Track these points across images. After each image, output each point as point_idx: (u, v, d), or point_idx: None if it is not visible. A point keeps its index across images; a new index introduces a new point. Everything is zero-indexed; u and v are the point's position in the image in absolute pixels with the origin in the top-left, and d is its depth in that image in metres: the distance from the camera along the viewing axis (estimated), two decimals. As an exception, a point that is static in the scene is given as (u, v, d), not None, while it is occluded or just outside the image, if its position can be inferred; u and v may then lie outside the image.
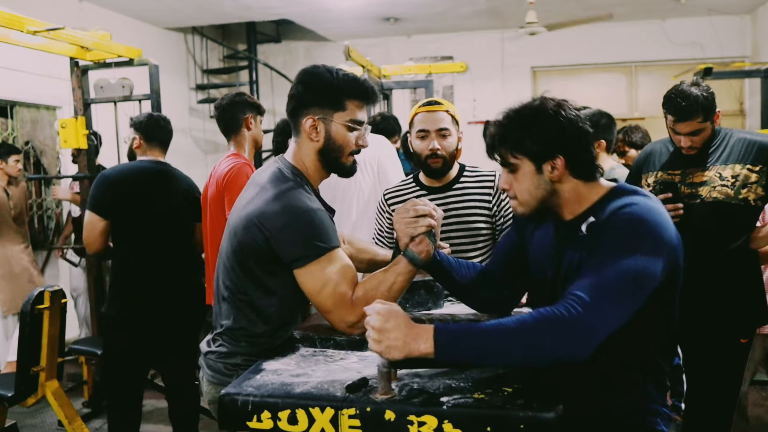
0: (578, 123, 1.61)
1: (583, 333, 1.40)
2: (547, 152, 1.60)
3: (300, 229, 1.78)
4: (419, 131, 2.59)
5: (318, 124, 1.89)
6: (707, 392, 2.84)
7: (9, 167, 5.14)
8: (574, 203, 1.65)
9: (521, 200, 1.67)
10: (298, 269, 1.80)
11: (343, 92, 1.88)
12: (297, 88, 1.92)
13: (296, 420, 1.44)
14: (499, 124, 1.66)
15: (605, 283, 1.44)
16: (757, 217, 2.82)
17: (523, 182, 1.65)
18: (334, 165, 1.96)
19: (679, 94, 2.71)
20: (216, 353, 1.95)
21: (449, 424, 1.38)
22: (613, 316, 1.43)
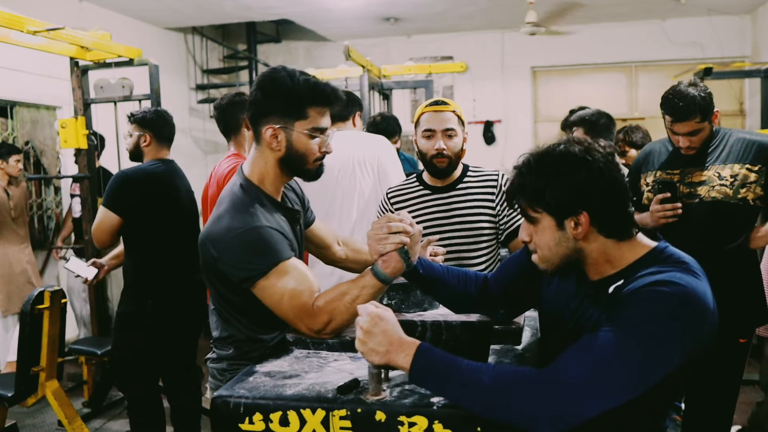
0: (609, 172, 1.41)
1: (557, 416, 1.29)
2: (568, 207, 1.41)
3: (241, 249, 1.76)
4: (425, 131, 2.59)
5: (279, 134, 1.83)
6: (707, 392, 2.85)
7: (9, 167, 5.15)
8: (603, 264, 1.47)
9: (541, 256, 1.49)
10: (252, 288, 1.78)
11: (303, 99, 1.82)
12: (256, 95, 1.85)
13: (287, 422, 1.45)
14: (518, 172, 1.48)
15: (602, 367, 1.28)
16: (756, 216, 2.83)
17: (543, 237, 1.46)
18: (298, 172, 1.92)
19: (677, 94, 2.71)
20: (210, 359, 2.00)
21: (440, 424, 1.39)
22: (595, 405, 1.29)
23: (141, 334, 3.37)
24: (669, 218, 2.73)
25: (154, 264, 3.39)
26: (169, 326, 3.39)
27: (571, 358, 1.31)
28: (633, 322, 1.30)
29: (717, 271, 2.74)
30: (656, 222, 2.76)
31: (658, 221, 2.75)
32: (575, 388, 1.28)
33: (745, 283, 2.82)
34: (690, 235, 2.75)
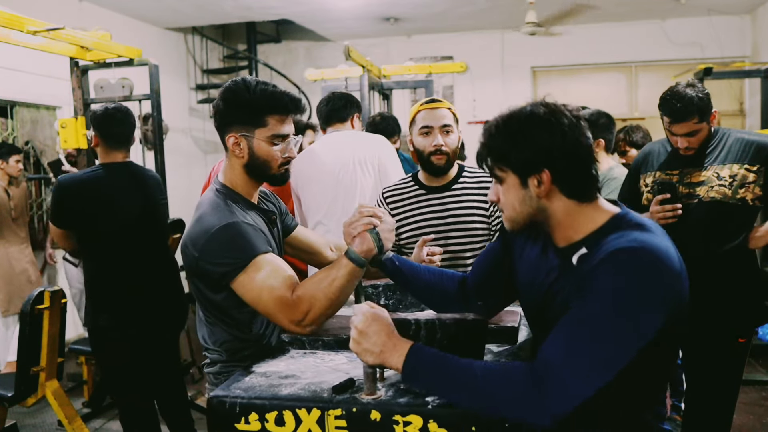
0: (573, 133, 1.44)
1: (546, 408, 1.30)
2: (531, 165, 1.43)
3: (219, 245, 1.80)
4: (422, 128, 2.59)
5: (240, 141, 1.90)
6: (707, 392, 2.85)
7: (10, 167, 5.16)
8: (567, 229, 1.48)
9: (507, 215, 1.53)
10: (231, 283, 1.81)
11: (261, 109, 1.89)
12: (218, 105, 1.93)
13: (283, 421, 1.45)
14: (486, 133, 1.52)
15: (581, 351, 1.30)
16: (755, 216, 2.83)
17: (508, 196, 1.50)
18: (264, 177, 1.98)
19: (675, 95, 2.72)
20: (205, 365, 2.04)
21: (434, 423, 1.40)
22: (583, 389, 1.30)
23: (111, 346, 3.26)
24: (669, 219, 2.73)
25: (106, 273, 3.23)
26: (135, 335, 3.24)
27: (554, 351, 1.32)
28: (605, 294, 1.31)
29: (716, 271, 2.77)
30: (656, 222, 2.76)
31: (658, 222, 2.76)
32: (559, 380, 1.29)
33: (744, 283, 2.82)
34: (689, 235, 2.75)
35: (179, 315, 3.48)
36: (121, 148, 3.28)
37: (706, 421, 2.87)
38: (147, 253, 3.30)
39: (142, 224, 3.28)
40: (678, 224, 2.74)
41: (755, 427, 4.01)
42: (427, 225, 2.62)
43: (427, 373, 1.39)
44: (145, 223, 3.29)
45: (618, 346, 1.30)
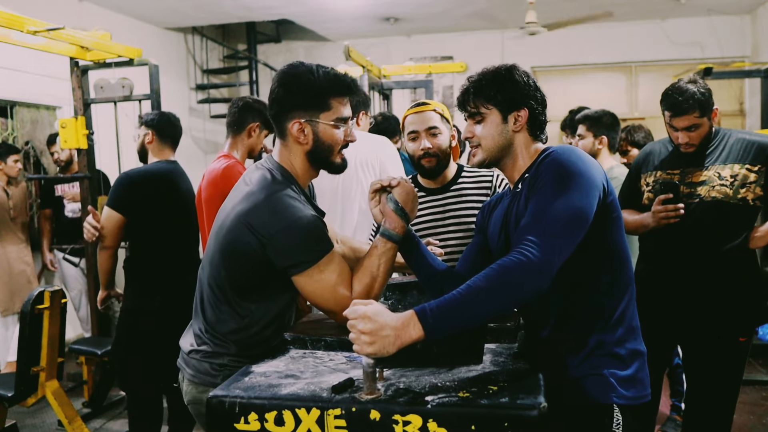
0: (538, 87, 1.85)
1: (542, 270, 1.53)
2: (515, 104, 1.80)
3: (296, 235, 1.78)
4: (410, 133, 2.62)
5: (305, 127, 1.87)
6: (707, 392, 2.84)
7: (8, 167, 5.16)
8: (518, 160, 1.84)
9: (484, 146, 1.84)
10: (297, 275, 1.81)
11: (326, 91, 1.87)
12: (279, 92, 1.89)
13: (283, 421, 1.45)
14: (475, 80, 1.85)
15: (549, 223, 1.58)
16: (756, 216, 2.83)
17: (488, 129, 1.82)
18: (325, 164, 1.96)
19: (676, 90, 2.74)
20: (201, 352, 1.95)
21: (434, 423, 1.40)
22: (562, 248, 1.58)
23: (146, 330, 3.40)
24: (671, 219, 2.73)
25: (159, 261, 3.45)
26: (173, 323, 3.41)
27: (528, 231, 1.59)
28: (548, 184, 1.65)
29: (716, 270, 2.76)
30: (658, 222, 2.76)
31: (660, 222, 2.75)
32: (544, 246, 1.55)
33: (744, 283, 2.82)
34: (690, 234, 2.75)
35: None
36: (172, 147, 3.61)
37: (706, 421, 2.87)
38: (190, 243, 3.54)
39: (190, 215, 3.49)
40: (678, 224, 2.74)
41: (755, 427, 4.01)
42: (427, 226, 2.63)
43: (447, 320, 1.48)
44: (191, 214, 3.49)
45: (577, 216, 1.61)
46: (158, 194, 3.42)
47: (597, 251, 1.72)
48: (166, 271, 3.45)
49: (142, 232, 3.45)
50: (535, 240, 1.55)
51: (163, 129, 3.54)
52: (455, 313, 1.48)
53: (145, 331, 3.41)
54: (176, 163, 3.60)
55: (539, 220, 1.60)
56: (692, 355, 2.94)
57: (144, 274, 3.48)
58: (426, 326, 1.45)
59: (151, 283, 3.46)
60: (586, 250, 1.66)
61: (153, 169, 3.49)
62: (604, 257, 1.75)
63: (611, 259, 1.76)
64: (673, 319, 2.84)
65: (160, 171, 3.48)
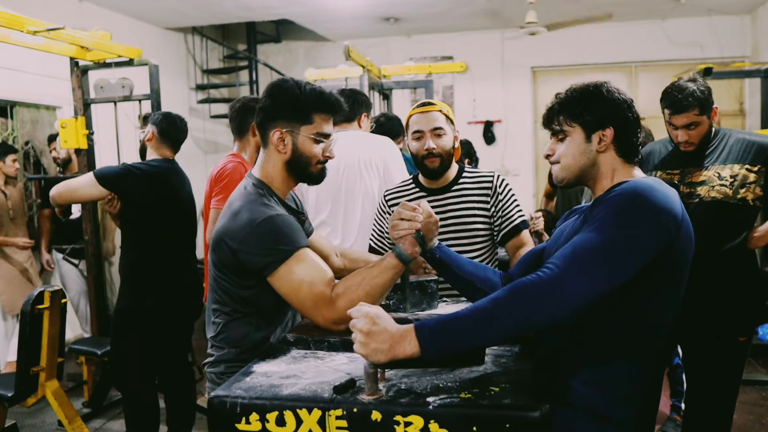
0: (631, 105, 1.76)
1: (554, 294, 1.45)
2: (599, 123, 1.72)
3: (262, 237, 1.82)
4: (414, 132, 2.63)
5: (285, 137, 1.95)
6: (707, 391, 2.85)
7: (6, 167, 5.14)
8: (604, 179, 1.74)
9: (564, 164, 1.76)
10: (270, 276, 1.84)
11: (309, 106, 1.94)
12: (265, 102, 1.97)
13: (284, 421, 1.45)
14: (561, 97, 1.80)
15: (578, 252, 1.49)
16: (756, 216, 2.83)
17: (570, 148, 1.75)
18: (302, 175, 2.02)
19: (676, 87, 2.74)
20: (208, 363, 2.04)
21: (435, 424, 1.40)
22: (585, 281, 1.46)
23: (140, 331, 3.42)
24: None
25: (154, 260, 3.45)
26: (166, 323, 3.44)
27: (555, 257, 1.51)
28: (601, 215, 1.55)
29: (716, 270, 2.76)
30: None
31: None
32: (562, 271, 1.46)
33: (744, 283, 2.83)
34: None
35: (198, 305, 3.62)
36: (172, 147, 3.61)
37: (706, 421, 2.87)
38: (184, 243, 3.57)
39: (185, 215, 3.55)
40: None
41: (755, 427, 4.01)
42: None
43: (445, 337, 1.45)
44: (188, 215, 3.56)
45: (618, 250, 1.49)
46: (152, 191, 3.42)
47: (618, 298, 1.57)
48: (158, 271, 3.45)
49: (140, 229, 3.45)
50: (557, 263, 1.48)
51: (165, 128, 3.55)
52: (455, 334, 1.45)
53: (138, 331, 3.43)
54: (174, 163, 3.60)
55: (573, 246, 1.51)
56: (692, 355, 2.94)
57: (136, 275, 3.48)
58: (423, 343, 1.45)
59: (143, 284, 3.46)
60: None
61: (153, 164, 3.50)
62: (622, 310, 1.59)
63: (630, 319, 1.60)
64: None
65: (159, 168, 3.49)
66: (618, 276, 1.49)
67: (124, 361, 3.51)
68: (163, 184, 3.46)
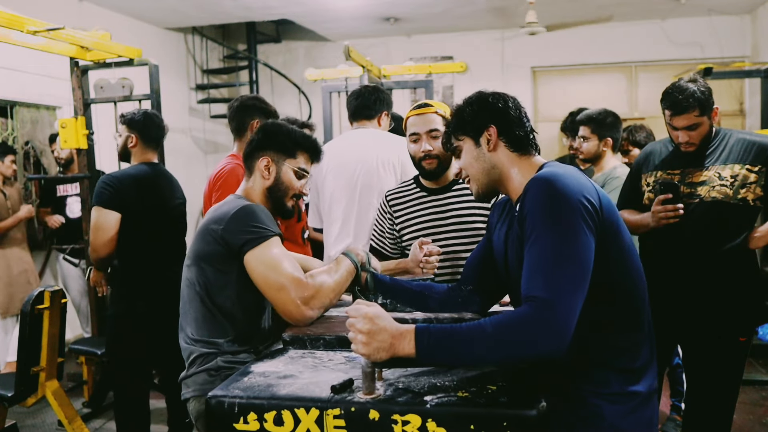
0: (508, 101, 1.81)
1: (558, 330, 1.44)
2: (479, 125, 1.78)
3: (243, 218, 2.01)
4: (411, 134, 2.65)
5: (271, 165, 2.20)
6: (707, 391, 2.84)
7: (4, 167, 5.13)
8: (514, 181, 1.77)
9: (471, 176, 1.82)
10: (248, 252, 1.98)
11: (297, 144, 2.23)
12: (259, 135, 2.25)
13: (282, 421, 1.46)
14: (447, 123, 1.92)
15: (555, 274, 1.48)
16: (756, 217, 2.83)
17: (466, 157, 1.81)
18: (278, 203, 2.23)
19: (676, 88, 2.74)
20: (195, 363, 2.08)
21: (433, 422, 1.40)
22: (577, 302, 1.48)
23: (130, 335, 3.39)
24: (671, 219, 2.73)
25: (143, 265, 3.41)
26: (160, 325, 3.38)
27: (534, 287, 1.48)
28: (537, 215, 1.56)
29: (717, 270, 2.76)
30: (657, 222, 2.77)
31: (660, 222, 2.76)
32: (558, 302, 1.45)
33: (744, 283, 2.82)
34: (689, 235, 2.76)
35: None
36: (155, 149, 3.57)
37: (706, 420, 2.87)
38: (171, 251, 3.49)
39: (173, 219, 3.52)
40: (679, 224, 2.74)
41: (755, 427, 4.01)
42: (428, 226, 2.64)
43: (442, 348, 1.46)
44: (174, 219, 3.53)
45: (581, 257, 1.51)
46: (140, 198, 3.36)
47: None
48: (148, 275, 3.41)
49: (126, 236, 3.36)
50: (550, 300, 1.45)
51: (148, 131, 3.48)
52: (451, 348, 1.46)
53: (130, 335, 3.39)
54: (159, 165, 3.56)
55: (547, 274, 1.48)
56: (692, 355, 2.94)
57: (126, 279, 3.44)
58: (419, 346, 1.46)
59: (133, 288, 3.42)
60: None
61: (134, 173, 3.43)
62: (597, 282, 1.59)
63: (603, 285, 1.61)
64: (673, 318, 2.84)
65: (142, 174, 3.43)
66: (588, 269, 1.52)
67: (121, 365, 3.49)
68: (147, 189, 3.41)
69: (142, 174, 3.42)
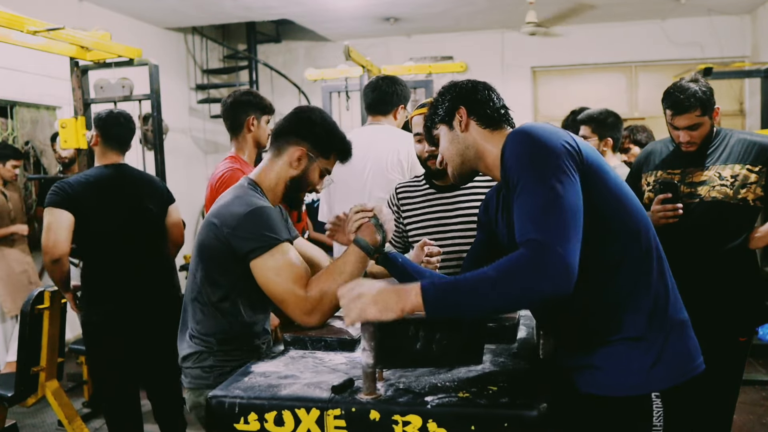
0: (477, 84, 1.87)
1: (558, 269, 1.42)
2: (451, 110, 1.82)
3: (253, 223, 1.94)
4: (416, 134, 2.66)
5: (303, 158, 2.11)
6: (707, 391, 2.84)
7: (5, 170, 5.13)
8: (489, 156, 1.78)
9: (447, 159, 1.85)
10: (254, 260, 1.92)
11: (335, 146, 2.15)
12: (298, 119, 2.15)
13: (282, 421, 1.46)
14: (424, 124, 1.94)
15: (547, 216, 1.48)
16: (756, 217, 2.83)
17: (443, 144, 1.85)
18: (293, 194, 2.17)
19: (678, 88, 2.74)
20: (191, 358, 2.06)
21: (434, 423, 1.40)
22: (571, 239, 1.46)
23: (110, 338, 3.29)
24: (670, 218, 2.73)
25: (108, 268, 3.30)
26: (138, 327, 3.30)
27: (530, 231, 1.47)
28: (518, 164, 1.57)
29: (717, 270, 2.76)
30: (657, 222, 2.76)
31: (659, 221, 2.76)
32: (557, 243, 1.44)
33: (744, 283, 2.82)
34: (690, 234, 2.75)
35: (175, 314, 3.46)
36: (118, 150, 3.41)
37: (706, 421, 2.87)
38: (138, 253, 3.32)
39: (133, 224, 3.33)
40: (679, 224, 2.74)
41: (755, 427, 4.01)
42: (435, 224, 2.65)
43: (449, 296, 1.45)
44: (135, 223, 3.34)
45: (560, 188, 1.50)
46: (95, 200, 3.23)
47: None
48: (114, 278, 3.28)
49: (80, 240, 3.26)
50: (544, 241, 1.44)
51: (109, 129, 3.35)
52: (458, 297, 1.45)
53: (107, 338, 3.29)
54: (124, 167, 3.42)
55: (539, 218, 1.47)
56: None
57: (91, 283, 3.32)
58: (427, 298, 1.45)
59: (100, 291, 3.30)
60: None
61: (90, 175, 3.34)
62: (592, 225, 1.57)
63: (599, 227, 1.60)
64: None
65: (97, 177, 3.31)
66: (578, 208, 1.51)
67: (103, 369, 3.40)
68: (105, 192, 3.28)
69: (97, 176, 3.31)
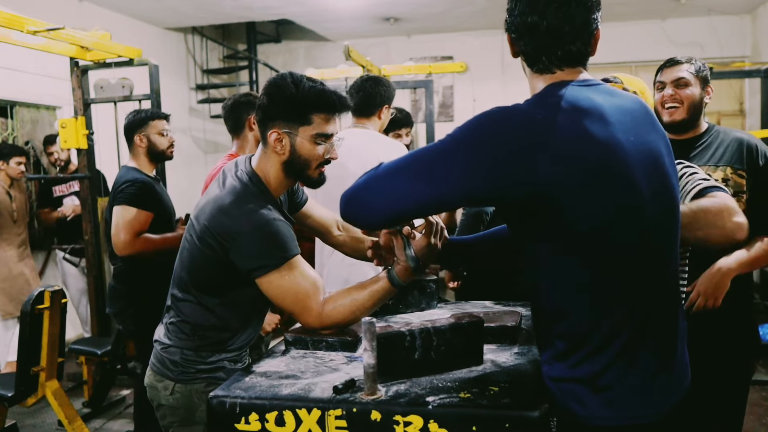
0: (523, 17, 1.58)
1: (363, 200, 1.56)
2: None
3: (258, 239, 1.78)
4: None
5: (283, 138, 1.87)
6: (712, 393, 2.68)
7: (10, 169, 5.11)
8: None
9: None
10: (259, 279, 1.80)
11: (308, 106, 1.85)
12: (263, 99, 1.89)
13: (283, 421, 1.45)
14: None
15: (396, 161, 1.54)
16: None
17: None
18: (300, 177, 1.95)
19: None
20: (162, 345, 1.98)
21: (435, 423, 1.40)
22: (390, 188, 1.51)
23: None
24: None
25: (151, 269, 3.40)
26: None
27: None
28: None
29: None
30: None
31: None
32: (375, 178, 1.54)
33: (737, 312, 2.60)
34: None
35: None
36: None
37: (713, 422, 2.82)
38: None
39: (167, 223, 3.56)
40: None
41: (755, 427, 4.01)
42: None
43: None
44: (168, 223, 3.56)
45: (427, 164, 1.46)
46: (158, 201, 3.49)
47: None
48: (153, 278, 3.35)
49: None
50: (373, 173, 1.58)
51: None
52: None
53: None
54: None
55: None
56: None
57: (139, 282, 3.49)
58: None
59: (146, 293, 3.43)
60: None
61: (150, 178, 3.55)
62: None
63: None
64: None
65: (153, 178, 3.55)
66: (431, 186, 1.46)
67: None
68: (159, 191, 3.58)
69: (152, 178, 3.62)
